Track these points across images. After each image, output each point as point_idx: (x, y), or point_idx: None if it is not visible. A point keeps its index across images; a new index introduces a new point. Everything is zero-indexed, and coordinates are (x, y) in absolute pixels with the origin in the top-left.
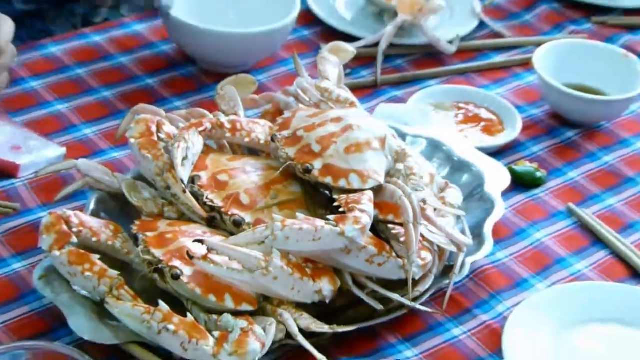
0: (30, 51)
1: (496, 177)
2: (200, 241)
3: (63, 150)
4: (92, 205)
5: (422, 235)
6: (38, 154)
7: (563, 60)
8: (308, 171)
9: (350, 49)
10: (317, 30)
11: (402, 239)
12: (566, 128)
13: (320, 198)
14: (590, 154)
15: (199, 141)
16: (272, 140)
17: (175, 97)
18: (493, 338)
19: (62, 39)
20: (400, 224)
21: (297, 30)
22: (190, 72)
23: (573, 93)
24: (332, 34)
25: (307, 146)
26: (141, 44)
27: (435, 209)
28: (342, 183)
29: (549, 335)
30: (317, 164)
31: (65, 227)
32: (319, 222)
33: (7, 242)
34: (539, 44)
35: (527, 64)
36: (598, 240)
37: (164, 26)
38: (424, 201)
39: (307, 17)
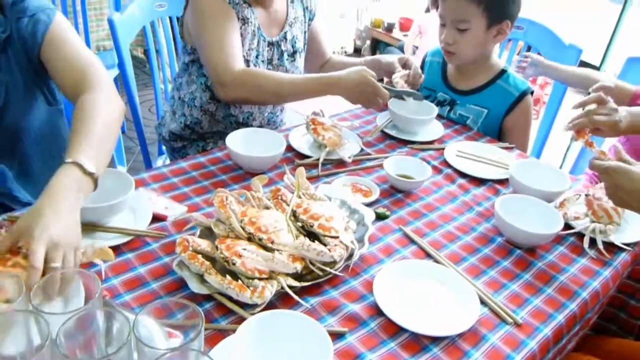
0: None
1: (369, 215)
2: (244, 249)
3: (185, 208)
4: (198, 233)
5: (340, 241)
6: (174, 210)
7: (395, 163)
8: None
9: (304, 172)
10: (293, 153)
11: (334, 245)
12: (398, 192)
13: (295, 227)
14: (408, 203)
15: (238, 206)
16: (268, 200)
17: (235, 184)
18: (369, 285)
19: (191, 158)
20: (333, 237)
21: (284, 154)
22: (240, 172)
23: (399, 178)
24: (299, 155)
25: (283, 203)
26: (223, 160)
27: (345, 230)
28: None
29: (391, 282)
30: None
31: (186, 243)
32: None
33: (162, 249)
34: (386, 157)
35: (380, 166)
36: (412, 242)
37: (229, 153)
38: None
39: (289, 148)
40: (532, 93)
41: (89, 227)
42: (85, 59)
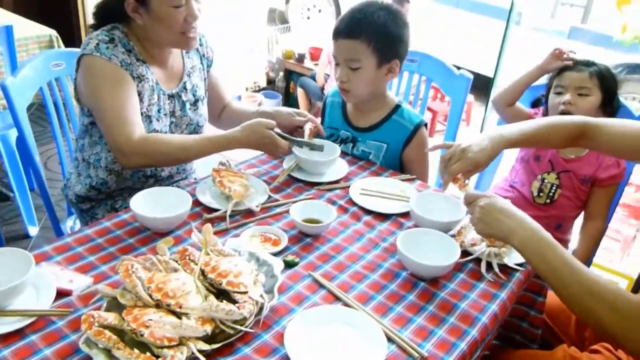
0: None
1: (277, 265)
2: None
3: (91, 280)
4: (105, 305)
5: (249, 297)
6: (79, 283)
7: (301, 209)
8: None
9: (211, 229)
10: (201, 207)
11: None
12: (306, 237)
13: (203, 287)
14: (317, 247)
15: (144, 273)
16: (176, 262)
17: (142, 246)
18: (280, 337)
19: (96, 224)
20: (242, 293)
21: (192, 208)
22: (147, 234)
23: (304, 224)
24: (207, 209)
25: (191, 262)
26: (129, 222)
27: (254, 284)
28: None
29: (301, 331)
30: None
31: (91, 319)
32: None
33: (68, 326)
34: (294, 202)
35: (287, 212)
36: (322, 286)
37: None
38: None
39: (196, 202)
40: (425, 125)
41: None
42: None
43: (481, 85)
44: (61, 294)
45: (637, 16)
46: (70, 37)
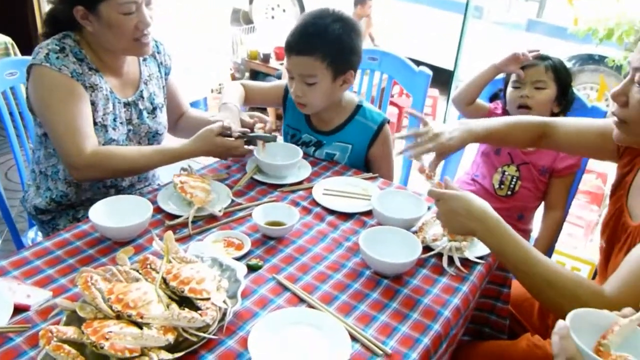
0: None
1: (241, 269)
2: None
3: (50, 293)
4: (64, 318)
5: (212, 303)
6: (38, 297)
7: (264, 212)
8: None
9: (172, 236)
10: (163, 214)
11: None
12: (270, 240)
13: (165, 295)
14: (281, 249)
15: (104, 284)
16: (137, 271)
17: (103, 257)
18: (245, 342)
19: (54, 236)
20: (204, 299)
21: (154, 215)
22: (108, 243)
23: (267, 227)
24: (169, 216)
25: (153, 271)
26: (89, 233)
27: (217, 289)
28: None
29: (266, 335)
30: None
31: (49, 334)
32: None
33: (27, 343)
34: (257, 205)
35: (250, 215)
36: (286, 289)
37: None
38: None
39: (157, 209)
40: (388, 122)
41: None
42: None
43: (446, 80)
44: (19, 309)
45: (587, 9)
46: (28, 44)
